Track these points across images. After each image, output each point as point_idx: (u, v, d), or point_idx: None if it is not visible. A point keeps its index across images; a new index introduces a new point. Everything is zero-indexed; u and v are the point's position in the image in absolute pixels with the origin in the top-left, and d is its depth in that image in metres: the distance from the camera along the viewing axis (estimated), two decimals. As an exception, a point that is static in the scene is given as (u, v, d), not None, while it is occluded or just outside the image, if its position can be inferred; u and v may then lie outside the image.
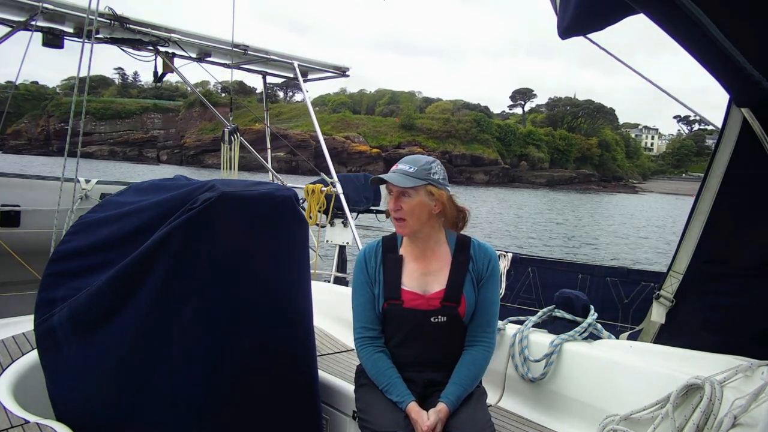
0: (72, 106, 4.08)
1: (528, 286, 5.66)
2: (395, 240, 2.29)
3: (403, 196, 2.12)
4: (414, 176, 2.11)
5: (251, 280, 2.02)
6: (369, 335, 2.20)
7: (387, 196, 2.26)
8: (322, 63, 6.84)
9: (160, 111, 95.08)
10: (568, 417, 2.39)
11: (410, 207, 2.11)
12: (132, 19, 5.06)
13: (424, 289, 2.16)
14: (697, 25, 1.58)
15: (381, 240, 2.32)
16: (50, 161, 45.85)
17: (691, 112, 3.43)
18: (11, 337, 2.63)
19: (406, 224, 2.14)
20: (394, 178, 2.11)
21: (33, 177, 6.05)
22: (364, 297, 2.23)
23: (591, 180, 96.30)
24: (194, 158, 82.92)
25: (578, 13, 2.16)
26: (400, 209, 2.12)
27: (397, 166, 2.17)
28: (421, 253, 2.22)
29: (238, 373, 2.02)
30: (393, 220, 2.18)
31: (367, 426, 2.03)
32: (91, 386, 1.97)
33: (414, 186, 2.10)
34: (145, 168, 58.61)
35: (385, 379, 2.11)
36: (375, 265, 2.24)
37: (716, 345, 2.28)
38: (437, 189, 2.14)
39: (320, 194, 5.92)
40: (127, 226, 2.08)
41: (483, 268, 2.19)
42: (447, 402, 2.03)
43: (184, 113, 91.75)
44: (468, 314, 2.15)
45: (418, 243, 2.22)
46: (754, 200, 2.72)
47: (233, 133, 6.20)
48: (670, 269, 3.04)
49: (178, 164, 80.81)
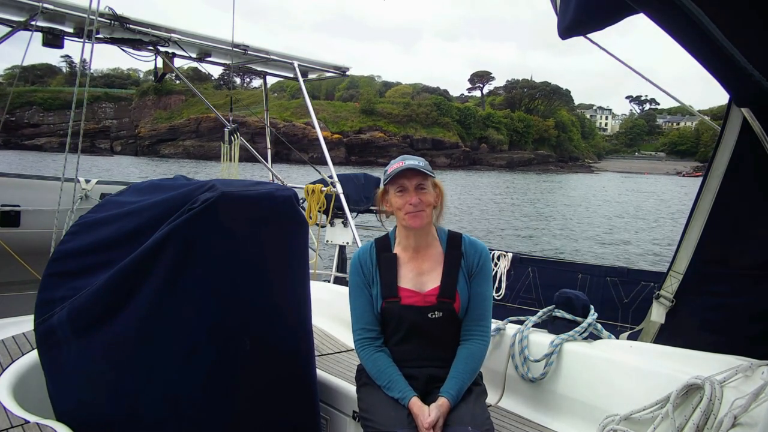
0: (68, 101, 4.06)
1: (528, 286, 5.66)
2: (388, 239, 2.32)
3: (421, 189, 2.17)
4: (427, 169, 2.18)
5: (251, 280, 2.02)
6: (368, 336, 2.22)
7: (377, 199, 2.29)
8: (322, 63, 6.85)
9: (112, 100, 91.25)
10: (568, 417, 2.39)
11: (427, 199, 2.18)
12: (132, 19, 5.05)
13: (420, 287, 2.20)
14: (697, 24, 1.58)
15: (374, 241, 2.34)
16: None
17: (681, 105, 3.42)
18: (11, 337, 2.63)
19: (423, 215, 2.17)
20: (422, 166, 2.16)
21: (33, 177, 6.05)
22: (362, 299, 2.25)
23: (549, 161, 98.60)
24: (150, 148, 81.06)
25: (578, 13, 2.16)
26: (420, 201, 2.16)
27: (405, 162, 2.18)
28: (415, 251, 2.25)
29: (238, 373, 2.02)
30: (406, 214, 2.17)
31: (370, 425, 2.04)
32: (91, 386, 1.97)
33: (430, 176, 2.19)
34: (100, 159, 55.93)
35: (386, 377, 2.13)
36: (371, 266, 2.26)
37: (716, 345, 2.28)
38: (439, 183, 2.25)
39: (320, 194, 5.92)
40: (127, 226, 2.08)
41: (474, 263, 2.23)
42: (447, 396, 2.06)
43: (138, 102, 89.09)
44: (462, 309, 2.20)
45: (415, 239, 2.24)
46: (754, 200, 2.72)
47: (233, 133, 6.20)
48: (670, 269, 3.05)
49: (133, 155, 78.80)
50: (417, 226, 2.19)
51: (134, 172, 41.35)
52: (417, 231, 2.21)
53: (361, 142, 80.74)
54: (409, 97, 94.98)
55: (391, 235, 2.33)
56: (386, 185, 2.22)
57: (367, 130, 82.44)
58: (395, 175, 2.17)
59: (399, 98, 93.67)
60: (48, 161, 45.99)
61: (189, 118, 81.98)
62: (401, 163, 2.17)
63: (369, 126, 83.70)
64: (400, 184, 2.18)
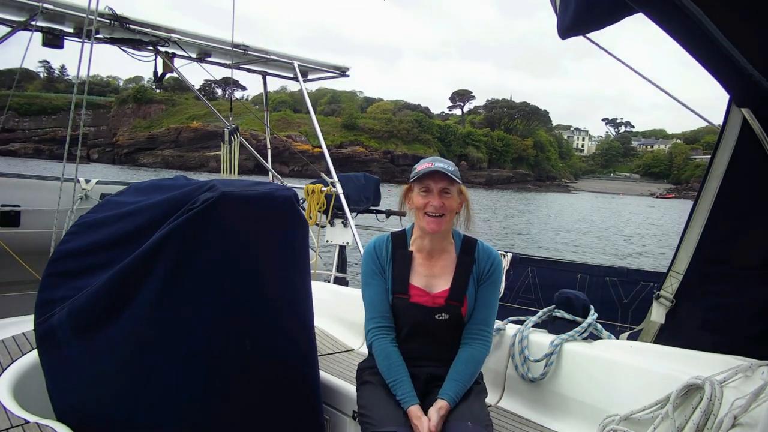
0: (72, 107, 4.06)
1: (528, 286, 5.65)
2: (405, 237, 2.32)
3: (446, 193, 2.17)
4: (454, 174, 2.17)
5: (251, 280, 2.02)
6: (384, 325, 2.21)
7: (401, 195, 2.29)
8: (322, 63, 6.84)
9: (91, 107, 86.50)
10: (568, 417, 2.39)
11: (451, 205, 2.18)
12: (132, 19, 5.05)
13: (430, 288, 2.21)
14: (697, 24, 1.58)
15: (390, 235, 2.34)
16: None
17: (692, 112, 3.42)
18: (11, 337, 2.63)
19: (443, 220, 2.17)
20: (446, 171, 2.14)
21: (33, 177, 6.05)
22: (378, 287, 2.25)
23: (527, 179, 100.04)
24: (128, 157, 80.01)
25: (578, 13, 2.16)
26: (442, 206, 2.15)
27: (434, 164, 2.17)
28: (430, 252, 2.25)
29: (239, 373, 2.02)
30: (427, 217, 2.17)
31: (368, 422, 2.05)
32: (91, 386, 1.97)
33: (456, 182, 2.18)
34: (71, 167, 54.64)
35: (396, 374, 2.13)
36: (386, 258, 2.27)
37: (716, 345, 2.28)
38: (465, 189, 2.26)
39: (320, 194, 5.91)
40: (127, 227, 2.08)
41: (485, 269, 2.24)
42: (447, 398, 2.06)
43: (116, 109, 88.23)
44: (469, 314, 2.21)
45: (431, 241, 2.24)
46: (754, 200, 2.71)
47: (233, 133, 6.19)
48: (670, 269, 3.04)
49: (110, 163, 77.73)
50: (434, 232, 2.19)
51: (114, 181, 40.84)
52: (433, 235, 2.21)
53: (342, 156, 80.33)
54: (390, 113, 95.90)
55: (408, 231, 2.33)
56: (412, 183, 2.22)
57: (348, 144, 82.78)
58: (423, 175, 2.17)
59: (380, 114, 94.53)
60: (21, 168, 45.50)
61: (169, 127, 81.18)
62: (430, 164, 2.17)
63: (350, 141, 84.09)
64: (426, 185, 2.18)
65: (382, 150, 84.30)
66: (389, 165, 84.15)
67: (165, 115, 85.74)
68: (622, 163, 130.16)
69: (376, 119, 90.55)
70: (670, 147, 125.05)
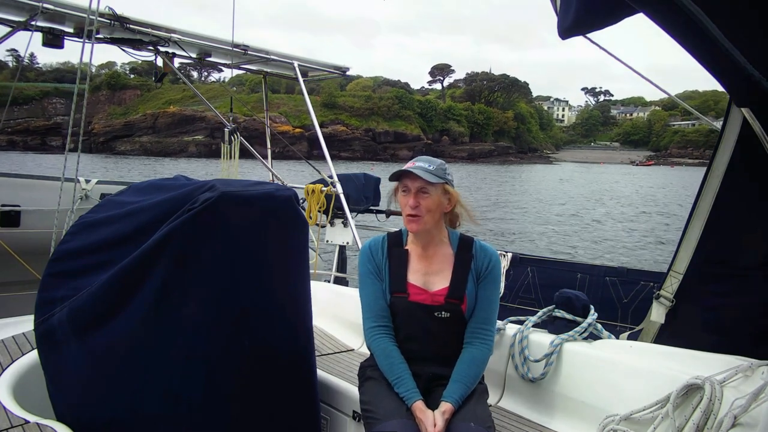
0: (73, 105, 4.06)
1: (527, 286, 5.65)
2: (401, 236, 2.33)
3: (423, 193, 2.15)
4: (434, 173, 2.15)
5: (251, 280, 2.02)
6: (382, 324, 2.21)
7: (390, 194, 2.28)
8: (322, 63, 6.86)
9: (63, 95, 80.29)
10: (568, 417, 2.39)
11: (428, 204, 2.15)
12: (132, 19, 5.05)
13: (429, 286, 2.21)
14: (697, 24, 1.58)
15: (386, 235, 2.35)
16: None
17: (689, 110, 3.44)
18: (11, 337, 2.63)
19: (420, 221, 2.16)
20: (421, 172, 2.13)
21: (33, 177, 6.05)
22: (374, 286, 2.25)
23: (509, 152, 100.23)
24: (105, 145, 78.04)
25: (579, 13, 2.16)
26: (418, 206, 2.14)
27: (415, 163, 2.18)
28: (425, 251, 2.25)
29: (238, 373, 2.02)
30: (406, 216, 2.18)
31: (371, 416, 2.05)
32: (91, 386, 1.97)
33: (435, 183, 2.15)
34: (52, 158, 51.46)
35: (397, 372, 2.13)
36: (381, 258, 2.27)
37: (716, 345, 2.28)
38: (452, 189, 2.21)
39: (320, 194, 5.92)
40: (127, 226, 2.08)
41: (483, 266, 2.23)
42: (451, 401, 2.05)
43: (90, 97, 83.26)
44: (469, 311, 2.20)
45: (422, 240, 2.25)
46: (754, 200, 2.72)
47: (233, 132, 6.19)
48: (670, 269, 3.05)
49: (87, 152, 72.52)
50: (414, 231, 2.20)
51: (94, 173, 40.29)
52: (418, 235, 2.22)
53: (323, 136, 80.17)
54: (370, 91, 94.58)
55: (404, 231, 2.33)
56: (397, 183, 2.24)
57: (329, 123, 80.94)
58: (401, 175, 2.18)
59: (360, 91, 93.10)
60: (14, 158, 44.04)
61: (145, 113, 79.26)
62: (412, 164, 2.18)
63: (331, 120, 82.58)
64: (404, 185, 2.19)
65: (363, 128, 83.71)
66: (371, 143, 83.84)
67: (141, 101, 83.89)
68: (603, 132, 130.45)
69: (356, 97, 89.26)
70: (649, 114, 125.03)
